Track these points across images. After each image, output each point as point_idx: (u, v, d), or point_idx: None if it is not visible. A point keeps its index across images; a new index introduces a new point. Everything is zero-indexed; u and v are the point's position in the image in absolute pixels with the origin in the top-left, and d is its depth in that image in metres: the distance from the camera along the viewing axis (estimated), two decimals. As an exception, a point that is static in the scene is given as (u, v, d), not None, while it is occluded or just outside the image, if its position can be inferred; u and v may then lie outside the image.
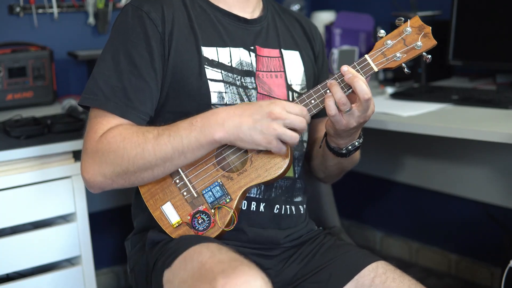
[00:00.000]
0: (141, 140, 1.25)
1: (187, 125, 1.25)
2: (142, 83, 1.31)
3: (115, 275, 2.55)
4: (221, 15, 1.42)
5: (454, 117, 1.76)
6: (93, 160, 1.28)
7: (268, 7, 1.51)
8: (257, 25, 1.46)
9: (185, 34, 1.36)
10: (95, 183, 1.30)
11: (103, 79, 1.32)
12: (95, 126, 1.30)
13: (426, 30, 1.32)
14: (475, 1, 2.19)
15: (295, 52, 1.51)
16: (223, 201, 1.32)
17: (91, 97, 1.32)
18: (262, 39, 1.45)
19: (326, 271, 1.38)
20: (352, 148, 1.40)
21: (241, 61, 1.41)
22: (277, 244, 1.41)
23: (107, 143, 1.27)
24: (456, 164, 2.44)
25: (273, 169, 1.30)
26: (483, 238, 2.43)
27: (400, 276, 1.34)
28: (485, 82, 2.22)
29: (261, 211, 1.39)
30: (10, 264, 1.70)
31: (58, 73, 2.29)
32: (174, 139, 1.25)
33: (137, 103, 1.31)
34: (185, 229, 1.33)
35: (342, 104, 1.27)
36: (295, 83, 1.47)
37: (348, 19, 2.61)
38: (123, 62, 1.32)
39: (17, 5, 2.22)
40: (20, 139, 1.73)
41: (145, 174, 1.28)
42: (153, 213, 1.34)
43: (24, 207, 1.71)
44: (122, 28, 1.35)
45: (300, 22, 1.57)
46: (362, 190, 2.91)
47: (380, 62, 1.32)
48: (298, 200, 1.46)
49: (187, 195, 1.33)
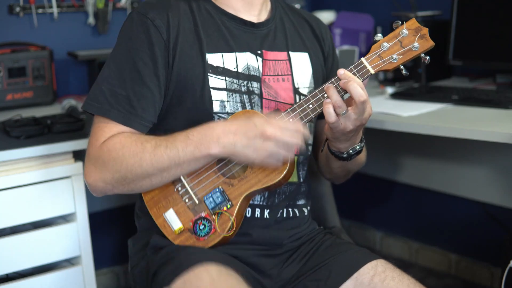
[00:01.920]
0: (139, 149, 1.28)
1: (184, 138, 1.27)
2: (145, 91, 1.33)
3: (115, 275, 2.54)
4: (227, 20, 1.42)
5: (454, 117, 1.76)
6: (95, 166, 1.31)
7: (276, 8, 1.51)
8: (264, 28, 1.46)
9: (190, 41, 1.37)
10: (96, 187, 1.33)
11: (107, 86, 1.33)
12: (98, 133, 1.33)
13: (423, 31, 1.32)
14: (475, 1, 2.19)
15: (304, 53, 1.50)
16: (224, 206, 1.32)
17: (95, 104, 1.34)
18: (269, 42, 1.45)
19: (326, 269, 1.38)
20: (353, 152, 1.40)
21: (248, 66, 1.41)
22: (280, 244, 1.42)
23: (107, 151, 1.29)
24: (456, 164, 2.44)
25: (273, 174, 1.31)
26: (483, 238, 2.43)
27: (399, 275, 1.35)
28: (485, 82, 2.22)
29: (265, 218, 1.40)
30: (10, 264, 1.69)
31: (58, 73, 2.29)
32: (170, 151, 1.27)
33: (140, 111, 1.32)
34: (187, 235, 1.34)
35: (338, 107, 1.28)
36: (303, 86, 1.47)
37: (348, 19, 2.61)
38: (127, 69, 1.33)
39: (17, 5, 2.22)
40: (20, 139, 1.73)
41: (143, 182, 1.31)
42: (156, 220, 1.36)
43: (24, 207, 1.71)
44: (126, 35, 1.36)
45: (310, 22, 1.56)
46: (362, 190, 2.91)
47: (376, 65, 1.32)
48: (301, 203, 1.47)
49: (189, 202, 1.34)
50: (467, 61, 2.23)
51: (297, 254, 1.44)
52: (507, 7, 2.09)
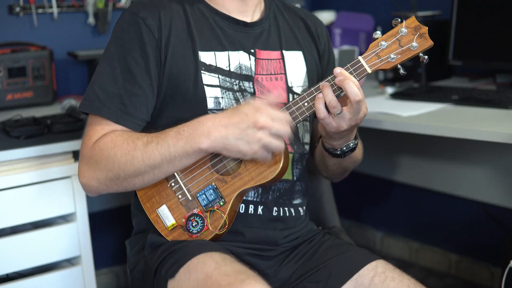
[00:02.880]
0: (130, 147, 1.28)
1: (175, 133, 1.27)
2: (137, 89, 1.33)
3: (115, 275, 2.54)
4: (220, 19, 1.42)
5: (454, 117, 1.76)
6: (88, 166, 1.32)
7: (270, 7, 1.50)
8: (257, 27, 1.45)
9: (183, 39, 1.37)
10: (90, 187, 1.34)
11: (99, 85, 1.34)
12: (90, 132, 1.33)
13: (422, 30, 1.30)
14: (475, 1, 2.19)
15: (298, 52, 1.50)
16: (217, 204, 1.32)
17: (88, 103, 1.34)
18: (262, 42, 1.45)
19: (325, 270, 1.38)
20: (347, 149, 1.39)
21: (240, 65, 1.41)
22: (275, 244, 1.41)
23: (100, 150, 1.30)
24: (456, 164, 2.44)
25: (266, 172, 1.31)
26: (483, 238, 2.43)
27: (399, 276, 1.34)
28: (485, 82, 2.22)
29: (259, 214, 1.39)
30: (10, 264, 1.69)
31: (58, 73, 2.29)
32: (161, 147, 1.26)
33: (132, 109, 1.32)
34: (180, 231, 1.34)
35: (333, 107, 1.26)
36: (296, 85, 1.47)
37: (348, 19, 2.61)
38: (119, 68, 1.33)
39: (17, 5, 2.22)
40: (20, 139, 1.73)
41: (135, 180, 1.30)
42: (150, 215, 1.36)
43: (24, 207, 1.71)
44: (118, 34, 1.37)
45: (305, 20, 1.56)
46: (362, 190, 2.91)
47: (373, 64, 1.30)
48: (297, 202, 1.46)
49: (182, 198, 1.34)
50: (467, 61, 2.23)
51: (294, 254, 1.43)
52: (507, 7, 2.09)
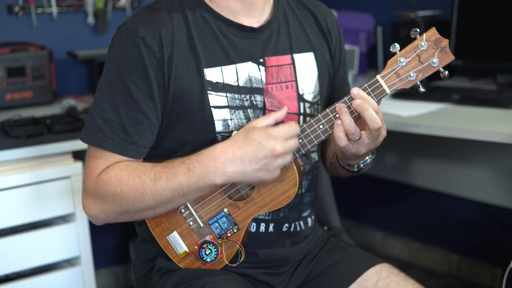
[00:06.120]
0: (138, 184, 1.22)
1: (185, 170, 1.20)
2: (141, 116, 1.24)
3: (115, 275, 2.54)
4: (225, 26, 1.30)
5: (454, 117, 1.75)
6: (93, 199, 1.26)
7: (279, 3, 1.39)
8: (266, 30, 1.35)
9: (186, 57, 1.26)
10: (98, 219, 1.29)
11: (99, 113, 1.25)
12: (92, 164, 1.26)
13: (443, 43, 1.20)
14: (476, 1, 2.19)
15: (309, 54, 1.40)
16: (230, 231, 1.28)
17: (89, 134, 1.26)
18: (271, 47, 1.35)
19: (329, 273, 1.37)
20: (364, 165, 1.34)
21: (250, 78, 1.32)
22: (286, 261, 1.39)
23: (104, 186, 1.24)
24: (456, 164, 2.44)
25: (281, 197, 1.26)
26: (483, 238, 2.43)
27: (403, 280, 1.32)
28: (485, 81, 2.21)
29: (270, 232, 1.36)
30: (9, 265, 1.69)
31: (57, 72, 2.29)
32: (172, 184, 1.21)
33: (136, 138, 1.25)
34: (192, 259, 1.30)
35: (351, 133, 1.19)
36: (307, 92, 1.38)
37: (349, 19, 2.61)
38: (119, 93, 1.23)
39: (16, 5, 2.21)
40: (20, 139, 1.72)
41: (147, 213, 1.26)
42: (160, 241, 1.31)
43: (24, 207, 1.70)
44: (116, 56, 1.25)
45: (314, 14, 1.44)
46: (362, 190, 2.91)
47: (393, 83, 1.21)
48: (305, 215, 1.42)
49: (193, 224, 1.28)
50: (468, 60, 2.23)
51: (302, 264, 1.41)
52: (507, 7, 2.09)
